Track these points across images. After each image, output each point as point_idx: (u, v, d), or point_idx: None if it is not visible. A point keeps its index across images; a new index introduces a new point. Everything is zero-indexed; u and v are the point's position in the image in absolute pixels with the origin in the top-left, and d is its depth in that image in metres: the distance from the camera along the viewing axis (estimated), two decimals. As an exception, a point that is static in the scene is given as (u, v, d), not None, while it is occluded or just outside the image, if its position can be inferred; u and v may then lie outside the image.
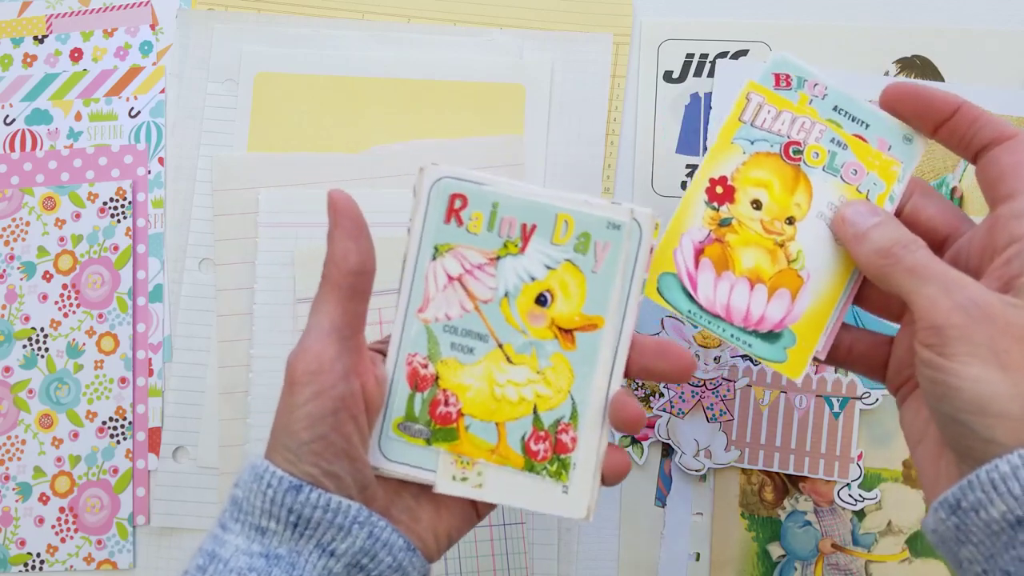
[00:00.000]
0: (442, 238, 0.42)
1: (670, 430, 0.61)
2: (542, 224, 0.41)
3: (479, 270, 0.42)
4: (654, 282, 0.43)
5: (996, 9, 0.64)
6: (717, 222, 0.43)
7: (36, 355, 0.63)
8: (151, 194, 0.64)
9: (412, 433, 0.42)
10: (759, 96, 0.44)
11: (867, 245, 0.40)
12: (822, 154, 0.43)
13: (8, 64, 0.67)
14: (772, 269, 0.43)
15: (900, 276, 0.38)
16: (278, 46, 0.65)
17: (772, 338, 0.43)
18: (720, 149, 0.43)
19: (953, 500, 0.36)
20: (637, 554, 0.61)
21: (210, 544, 0.40)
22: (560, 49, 0.64)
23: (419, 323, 0.42)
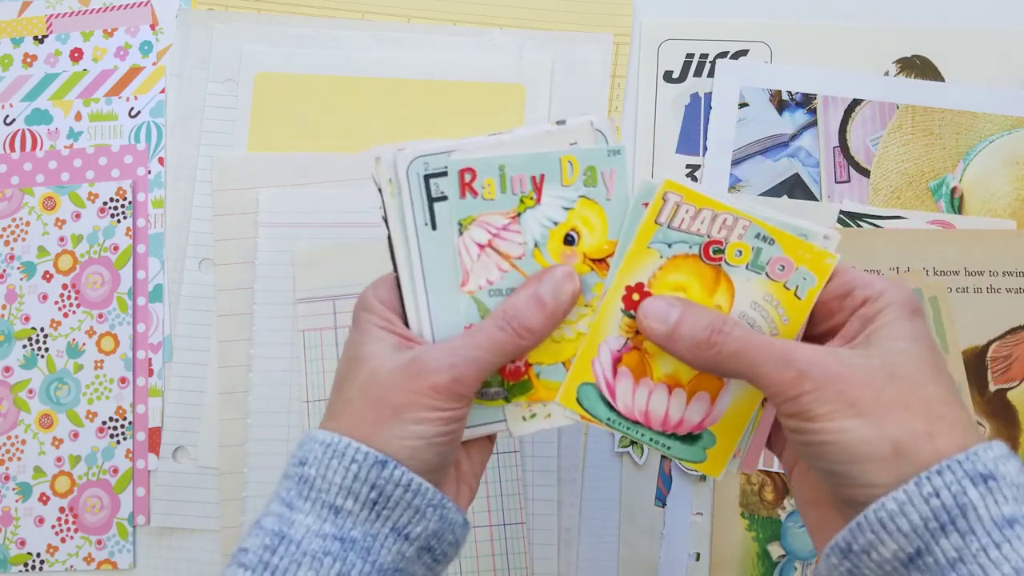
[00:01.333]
0: (463, 212, 0.42)
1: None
2: (549, 172, 0.42)
3: (505, 231, 0.43)
4: (573, 392, 0.43)
5: (996, 9, 0.64)
6: (635, 330, 0.43)
7: (36, 355, 0.63)
8: (151, 194, 0.64)
9: (490, 397, 0.43)
10: (676, 195, 0.42)
11: (683, 342, 0.40)
12: (745, 251, 0.41)
13: (8, 64, 0.67)
14: (691, 373, 0.42)
15: (729, 362, 0.38)
16: (278, 46, 0.65)
17: (691, 440, 0.43)
18: (636, 254, 0.42)
19: (844, 544, 0.36)
20: (637, 554, 0.61)
21: (275, 523, 0.38)
22: (560, 49, 0.64)
23: (466, 297, 0.43)
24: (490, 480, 0.60)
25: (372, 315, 0.42)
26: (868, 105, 0.63)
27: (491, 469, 0.60)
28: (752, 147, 0.63)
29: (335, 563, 0.37)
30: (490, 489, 0.60)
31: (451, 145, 0.42)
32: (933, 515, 0.33)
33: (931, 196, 0.62)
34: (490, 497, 0.60)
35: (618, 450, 0.61)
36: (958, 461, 0.34)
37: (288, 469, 0.40)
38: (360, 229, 0.62)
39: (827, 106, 0.63)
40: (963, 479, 0.33)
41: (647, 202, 0.42)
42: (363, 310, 0.42)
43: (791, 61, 0.64)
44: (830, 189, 0.62)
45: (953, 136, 0.62)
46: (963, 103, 0.63)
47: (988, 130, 0.62)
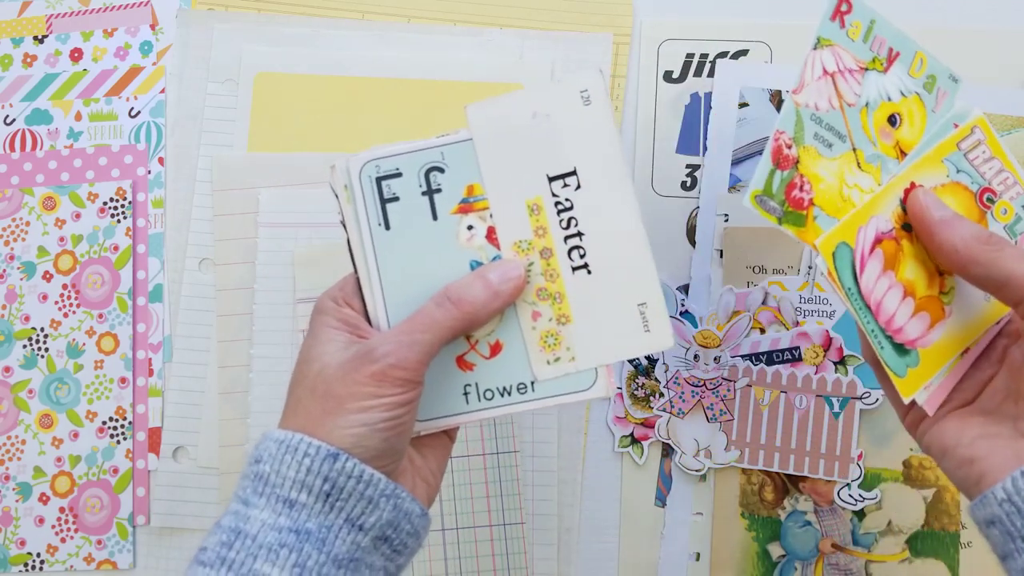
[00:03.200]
0: (825, 33, 0.43)
1: (670, 430, 0.61)
2: (904, 54, 0.45)
3: (849, 74, 0.44)
4: (832, 245, 0.43)
5: (996, 9, 0.64)
6: (902, 223, 0.44)
7: (36, 355, 0.63)
8: (151, 194, 0.64)
9: (767, 208, 0.43)
10: (982, 134, 0.45)
11: (962, 230, 0.41)
12: (1010, 212, 0.45)
13: (8, 64, 0.67)
14: (925, 291, 0.44)
15: (1011, 261, 0.39)
16: (278, 46, 0.65)
17: (902, 352, 0.43)
18: (930, 160, 0.44)
19: None
20: (637, 554, 0.61)
21: (232, 520, 0.39)
22: (560, 49, 0.64)
23: (792, 104, 0.43)
24: (490, 480, 0.60)
25: (325, 316, 0.43)
26: (868, 105, 0.63)
27: (491, 469, 0.60)
28: (752, 147, 0.63)
29: (291, 554, 0.38)
30: (490, 489, 0.60)
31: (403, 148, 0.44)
32: None
33: (931, 196, 0.62)
34: (490, 497, 0.60)
35: (618, 450, 0.61)
36: None
37: (245, 469, 0.41)
38: (360, 229, 0.62)
39: (827, 106, 0.63)
40: None
41: (958, 124, 0.45)
42: (317, 314, 0.43)
43: (791, 61, 0.64)
44: (830, 189, 0.62)
45: (953, 136, 0.62)
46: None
47: (988, 130, 0.62)
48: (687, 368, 0.61)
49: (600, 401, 0.62)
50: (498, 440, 0.61)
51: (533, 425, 0.61)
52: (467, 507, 0.60)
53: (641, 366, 0.61)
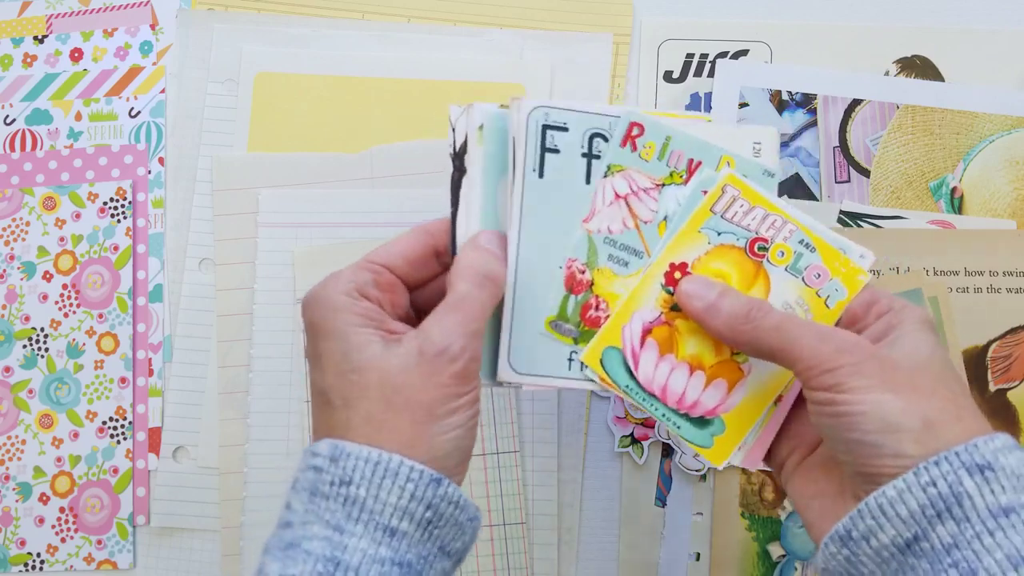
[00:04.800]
0: (616, 159, 0.44)
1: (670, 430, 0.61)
2: (708, 160, 0.45)
3: (645, 193, 0.45)
4: (598, 353, 0.44)
5: (996, 9, 0.64)
6: (670, 306, 0.44)
7: (36, 355, 0.63)
8: (151, 194, 0.64)
9: (562, 332, 0.44)
10: (735, 190, 0.44)
11: (722, 315, 0.41)
12: (788, 253, 0.44)
13: (8, 64, 0.67)
14: (714, 358, 0.44)
15: (768, 335, 0.40)
16: (278, 46, 0.65)
17: (702, 424, 0.44)
18: (686, 236, 0.44)
19: (844, 531, 0.37)
20: (637, 554, 0.61)
21: (326, 548, 0.36)
22: (560, 49, 0.64)
23: (583, 231, 0.44)
24: (490, 480, 0.60)
25: (344, 314, 0.40)
26: (868, 105, 0.63)
27: (491, 469, 0.60)
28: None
29: None
30: (490, 489, 0.60)
31: (575, 105, 0.44)
32: (930, 503, 0.35)
33: (931, 196, 0.62)
34: (490, 497, 0.60)
35: (618, 450, 0.61)
36: (956, 452, 0.35)
37: (323, 488, 0.37)
38: (360, 229, 0.62)
39: (827, 106, 0.63)
40: (959, 469, 0.35)
41: (707, 190, 0.44)
42: (331, 311, 0.40)
43: (791, 61, 0.64)
44: (830, 189, 0.62)
45: (953, 136, 0.62)
46: (963, 103, 0.63)
47: (988, 130, 0.62)
48: (687, 368, 0.61)
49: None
50: (498, 440, 0.61)
51: (533, 425, 0.61)
52: (467, 507, 0.60)
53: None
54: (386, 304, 0.42)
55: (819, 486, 0.42)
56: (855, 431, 0.37)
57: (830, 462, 0.42)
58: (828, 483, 0.41)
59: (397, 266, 0.43)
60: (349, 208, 0.62)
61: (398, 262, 0.43)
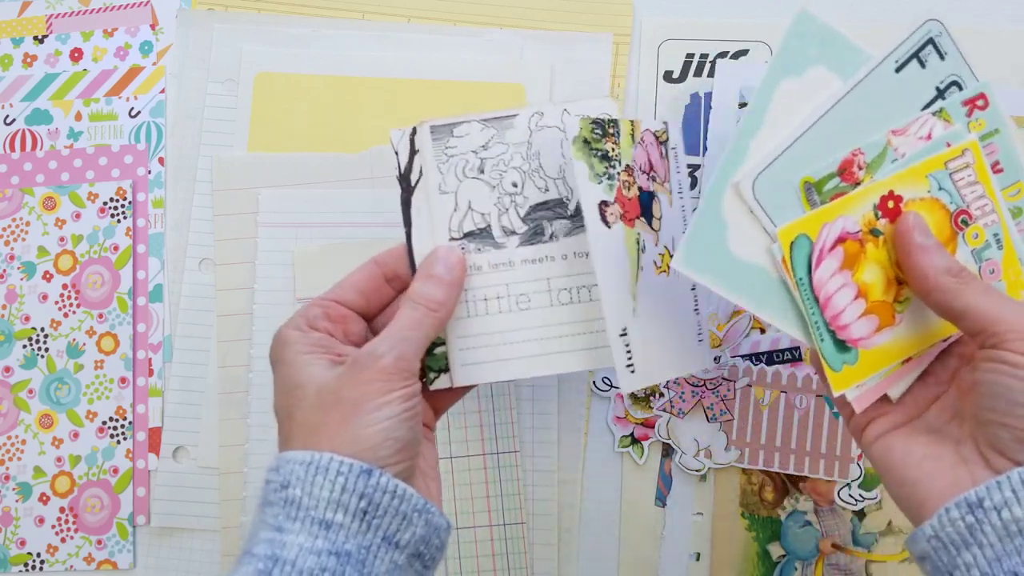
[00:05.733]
0: (950, 110, 0.46)
1: (670, 430, 0.61)
2: (1008, 172, 0.46)
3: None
4: (792, 234, 0.44)
5: (996, 9, 0.64)
6: (870, 228, 0.45)
7: (36, 355, 0.63)
8: (151, 194, 0.64)
9: (809, 198, 0.44)
10: (972, 157, 0.45)
11: (937, 260, 0.42)
12: (981, 237, 0.45)
13: (8, 64, 0.67)
14: (880, 296, 0.44)
15: (975, 295, 0.40)
16: (278, 46, 0.65)
17: (842, 348, 0.44)
18: (915, 173, 0.45)
19: (976, 498, 0.37)
20: (637, 554, 0.61)
21: (267, 548, 0.38)
22: (560, 49, 0.64)
23: (884, 138, 0.45)
24: (490, 480, 0.60)
25: (294, 346, 0.44)
26: (868, 105, 0.63)
27: (491, 469, 0.60)
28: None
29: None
30: (490, 489, 0.60)
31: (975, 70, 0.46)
32: None
33: (931, 196, 0.62)
34: (490, 497, 0.60)
35: (618, 450, 0.61)
36: None
37: (270, 496, 0.40)
38: (360, 229, 0.62)
39: (827, 106, 0.63)
40: None
41: (951, 144, 0.45)
42: (283, 346, 0.44)
43: (791, 61, 0.64)
44: (830, 189, 0.62)
45: (953, 136, 0.62)
46: (963, 103, 0.63)
47: (988, 130, 0.62)
48: (687, 368, 0.61)
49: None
50: (498, 440, 0.61)
51: (533, 425, 0.61)
52: (467, 507, 0.60)
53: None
54: (337, 333, 0.45)
55: (929, 449, 0.42)
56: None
57: (942, 430, 0.43)
58: (941, 448, 0.42)
59: (348, 298, 0.46)
60: (349, 208, 0.62)
61: (349, 294, 0.46)
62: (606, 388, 0.61)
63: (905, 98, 0.46)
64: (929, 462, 0.41)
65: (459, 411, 0.61)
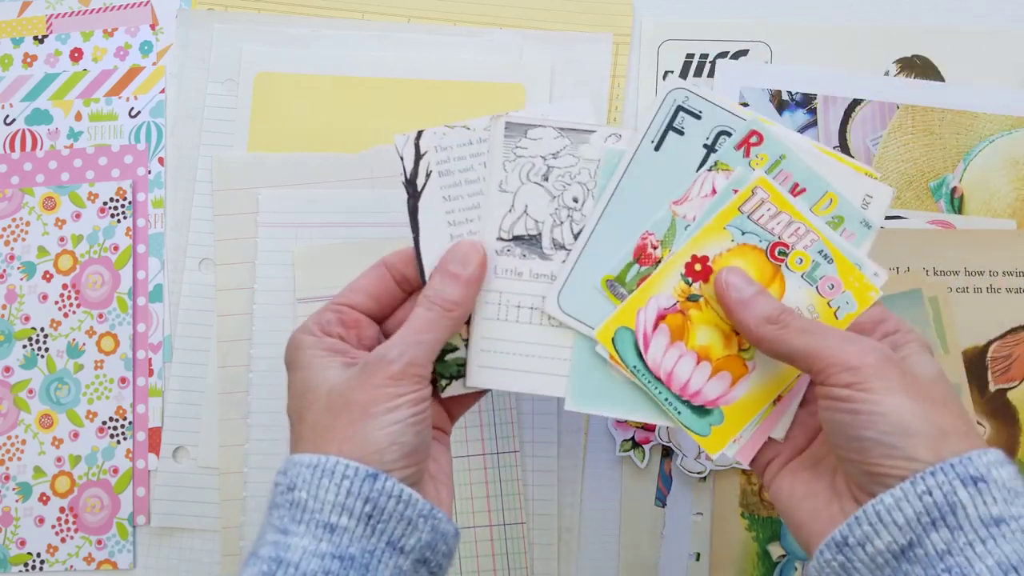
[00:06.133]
0: (726, 158, 0.46)
1: (671, 433, 0.61)
2: (811, 191, 0.45)
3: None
4: (611, 331, 0.45)
5: (996, 9, 0.64)
6: (686, 296, 0.45)
7: (36, 355, 0.63)
8: (151, 194, 0.64)
9: (616, 293, 0.46)
10: (764, 193, 0.45)
11: (754, 311, 0.42)
12: (806, 261, 0.45)
13: (8, 64, 0.67)
14: (722, 352, 0.45)
15: (795, 337, 0.41)
16: (278, 46, 0.65)
17: (702, 412, 0.45)
18: (711, 231, 0.45)
19: (840, 537, 0.38)
20: (637, 554, 0.61)
21: (271, 550, 0.38)
22: (560, 49, 0.64)
23: (668, 212, 0.46)
24: (490, 480, 0.60)
25: (308, 350, 0.44)
26: (868, 105, 0.63)
27: (491, 469, 0.60)
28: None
29: None
30: (490, 489, 0.60)
31: (717, 100, 0.46)
32: (925, 511, 0.36)
33: (931, 196, 0.62)
34: (490, 497, 0.60)
35: (619, 454, 0.61)
36: (951, 464, 0.37)
37: (276, 498, 0.40)
38: (360, 229, 0.62)
39: (827, 106, 0.63)
40: (954, 480, 0.36)
41: (737, 189, 0.45)
42: (296, 350, 0.44)
43: (791, 61, 0.64)
44: (830, 189, 0.62)
45: (953, 136, 0.62)
46: (963, 103, 0.63)
47: (988, 130, 0.62)
48: (687, 368, 0.61)
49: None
50: (498, 440, 0.61)
51: (533, 425, 0.61)
52: (467, 507, 0.60)
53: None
54: (351, 339, 0.45)
55: (809, 487, 0.43)
56: (871, 430, 0.38)
57: (820, 464, 0.43)
58: (818, 484, 0.42)
59: (359, 302, 0.46)
60: (349, 208, 0.62)
61: (360, 298, 0.46)
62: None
63: (676, 169, 0.46)
64: (809, 501, 0.42)
65: (459, 411, 0.61)
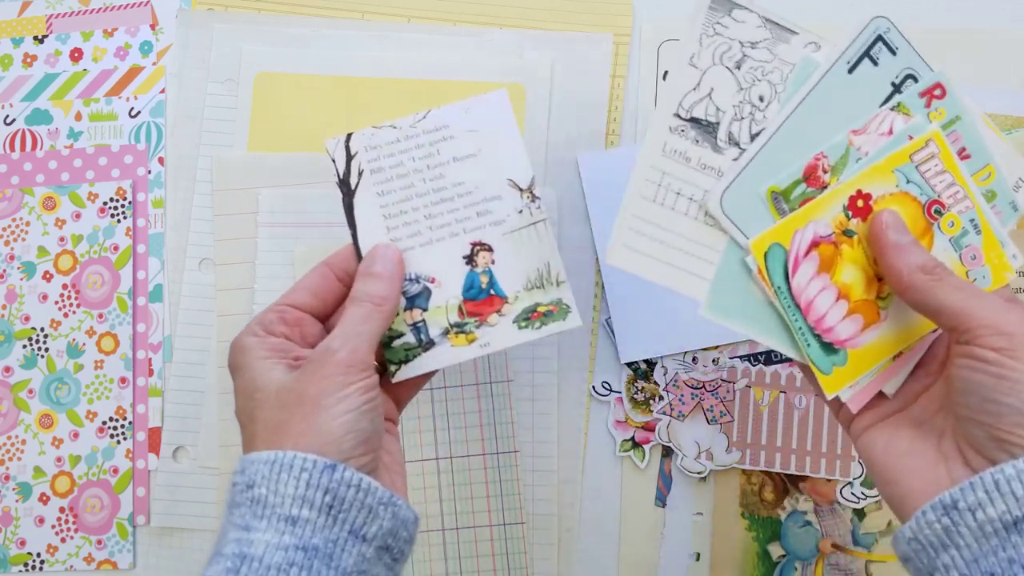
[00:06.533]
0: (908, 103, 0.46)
1: (671, 433, 0.61)
2: (975, 159, 0.46)
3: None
4: (765, 244, 0.44)
5: (996, 9, 0.64)
6: (843, 229, 0.45)
7: (36, 355, 0.63)
8: (151, 194, 0.64)
9: (778, 207, 0.45)
10: (936, 147, 0.45)
11: (908, 258, 0.42)
12: (957, 225, 0.45)
13: (8, 64, 0.67)
14: (862, 294, 0.45)
15: (949, 291, 0.41)
16: (278, 46, 0.65)
17: (829, 350, 0.44)
18: (880, 170, 0.45)
19: (950, 500, 0.37)
20: (637, 554, 0.61)
21: (235, 547, 0.39)
22: (560, 49, 0.64)
23: (845, 139, 0.45)
24: (490, 480, 0.60)
25: (252, 351, 0.44)
26: (868, 105, 0.63)
27: (491, 469, 0.60)
28: (752, 147, 0.63)
29: (301, 572, 0.38)
30: (490, 489, 0.60)
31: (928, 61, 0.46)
32: None
33: (931, 196, 0.62)
34: (490, 497, 0.60)
35: (620, 454, 0.61)
36: None
37: (236, 497, 0.40)
38: (360, 229, 0.62)
39: (827, 106, 0.63)
40: None
41: (913, 136, 0.45)
42: (240, 353, 0.44)
43: (791, 61, 0.64)
44: (830, 189, 0.62)
45: (953, 136, 0.62)
46: (963, 103, 0.63)
47: (988, 130, 0.62)
48: (686, 370, 0.61)
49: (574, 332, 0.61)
50: (498, 440, 0.61)
51: (533, 425, 0.61)
52: (467, 507, 0.60)
53: (640, 370, 0.61)
54: (295, 337, 0.45)
55: (912, 444, 0.42)
56: (1013, 397, 0.38)
57: (926, 424, 0.43)
58: (924, 443, 0.42)
59: (302, 301, 0.46)
60: (349, 208, 0.62)
61: (302, 297, 0.47)
62: (605, 392, 0.61)
63: (861, 97, 0.46)
64: (910, 458, 0.42)
65: (459, 411, 0.61)
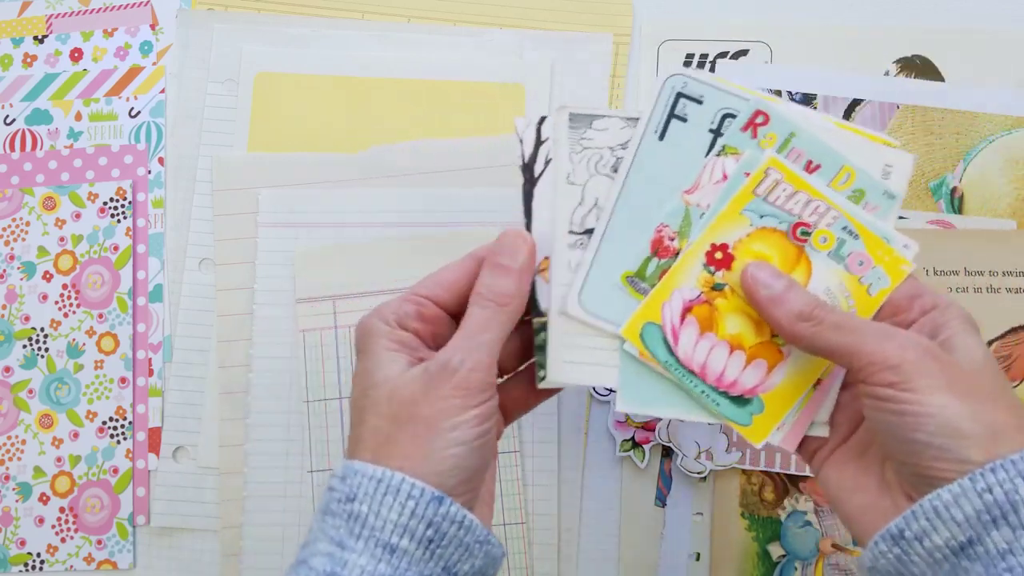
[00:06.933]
0: (733, 142, 0.44)
1: (671, 433, 0.61)
2: (827, 166, 0.44)
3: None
4: (637, 328, 0.44)
5: (996, 9, 0.64)
6: (711, 285, 0.44)
7: (36, 355, 0.63)
8: (151, 194, 0.64)
9: (637, 289, 0.44)
10: (778, 173, 0.44)
11: (786, 308, 0.41)
12: (831, 239, 0.44)
13: (8, 64, 0.67)
14: (755, 339, 0.44)
15: (830, 334, 0.40)
16: (278, 46, 0.65)
17: (741, 403, 0.44)
18: (727, 217, 0.44)
19: (896, 531, 0.37)
20: (637, 554, 0.61)
21: (327, 563, 0.37)
22: (560, 49, 0.64)
23: (680, 202, 0.44)
24: (490, 480, 0.60)
25: (379, 339, 0.42)
26: (868, 105, 0.63)
27: (491, 469, 0.60)
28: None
29: None
30: (490, 489, 0.60)
31: (717, 84, 0.45)
32: (986, 508, 0.35)
33: (931, 196, 0.62)
34: (490, 497, 0.60)
35: (620, 455, 0.61)
36: (1012, 460, 0.35)
37: (332, 505, 0.39)
38: (360, 229, 0.62)
39: (827, 106, 0.63)
40: (1016, 478, 0.35)
41: (749, 172, 0.44)
42: (368, 336, 0.42)
43: (791, 61, 0.64)
44: (830, 189, 0.62)
45: (953, 136, 0.62)
46: (963, 103, 0.63)
47: (988, 130, 0.62)
48: (687, 368, 0.61)
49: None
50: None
51: (533, 425, 0.61)
52: (467, 507, 0.60)
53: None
54: (426, 335, 0.43)
55: (858, 480, 0.41)
56: (919, 432, 0.37)
57: (867, 453, 0.42)
58: (867, 476, 0.41)
59: (441, 297, 0.43)
60: (349, 208, 0.62)
61: (441, 292, 0.43)
62: (605, 393, 0.61)
63: (683, 157, 0.45)
64: (859, 495, 0.41)
65: (459, 411, 0.61)
